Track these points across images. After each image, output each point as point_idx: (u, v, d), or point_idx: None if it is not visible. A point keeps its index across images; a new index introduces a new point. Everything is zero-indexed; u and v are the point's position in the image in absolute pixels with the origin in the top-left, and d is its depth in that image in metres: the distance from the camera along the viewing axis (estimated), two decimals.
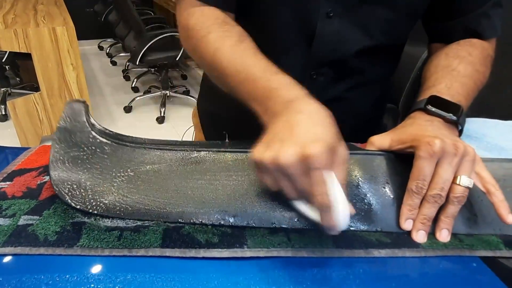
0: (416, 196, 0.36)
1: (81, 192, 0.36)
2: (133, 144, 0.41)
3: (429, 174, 0.36)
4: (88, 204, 0.36)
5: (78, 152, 0.39)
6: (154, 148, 0.40)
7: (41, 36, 1.75)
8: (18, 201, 0.39)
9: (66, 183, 0.37)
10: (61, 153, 0.39)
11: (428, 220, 0.36)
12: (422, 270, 0.34)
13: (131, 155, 0.40)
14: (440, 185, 0.35)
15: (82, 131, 0.40)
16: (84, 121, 0.41)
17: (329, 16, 0.50)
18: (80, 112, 0.41)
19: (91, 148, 0.39)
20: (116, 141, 0.41)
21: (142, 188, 0.37)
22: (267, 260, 0.33)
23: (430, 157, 0.35)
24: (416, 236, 0.36)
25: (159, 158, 0.40)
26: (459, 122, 0.42)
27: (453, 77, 0.47)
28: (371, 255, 0.34)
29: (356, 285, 0.31)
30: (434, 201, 0.35)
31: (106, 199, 0.36)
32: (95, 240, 0.33)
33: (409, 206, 0.36)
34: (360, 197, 0.38)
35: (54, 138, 0.39)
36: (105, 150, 0.39)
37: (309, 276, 0.32)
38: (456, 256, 0.35)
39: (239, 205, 0.37)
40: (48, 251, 0.32)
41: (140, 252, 0.33)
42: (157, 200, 0.37)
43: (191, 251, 0.33)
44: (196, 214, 0.36)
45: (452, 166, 0.35)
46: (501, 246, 0.36)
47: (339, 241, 0.35)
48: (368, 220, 0.37)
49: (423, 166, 0.35)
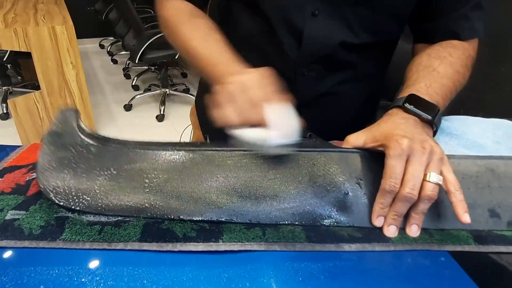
0: (388, 195, 0.37)
1: (65, 190, 0.38)
2: (118, 145, 0.42)
3: (400, 172, 0.37)
4: (71, 201, 0.37)
5: (65, 153, 0.40)
6: (137, 149, 0.42)
7: (41, 35, 1.77)
8: (7, 196, 0.41)
9: (52, 181, 0.38)
10: (49, 154, 0.40)
11: (399, 216, 0.37)
12: (391, 264, 0.35)
13: (115, 155, 0.41)
14: (411, 182, 0.36)
15: (71, 135, 0.42)
16: (74, 127, 0.42)
17: (315, 15, 0.52)
18: (71, 118, 0.43)
19: (78, 149, 0.41)
20: (102, 142, 0.42)
21: (123, 186, 0.39)
22: (241, 254, 0.35)
23: (399, 156, 0.37)
24: (387, 231, 0.37)
25: (141, 157, 0.41)
26: (434, 122, 0.43)
27: (433, 77, 0.48)
28: (342, 249, 0.35)
29: (325, 278, 0.33)
30: (406, 199, 0.36)
31: (88, 196, 0.38)
32: (77, 234, 0.35)
33: (381, 204, 0.38)
34: (334, 193, 0.39)
35: (44, 141, 0.41)
36: (91, 151, 0.41)
37: (281, 269, 0.33)
38: (426, 250, 0.36)
39: (218, 202, 0.38)
40: (32, 244, 0.34)
41: (119, 246, 0.34)
42: (137, 197, 0.38)
43: (168, 245, 0.34)
44: (175, 210, 0.38)
45: (421, 164, 0.36)
46: (470, 241, 0.37)
47: (311, 235, 0.36)
48: (341, 215, 0.38)
49: (394, 165, 0.37)
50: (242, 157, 0.41)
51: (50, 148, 0.41)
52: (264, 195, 0.39)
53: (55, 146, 0.41)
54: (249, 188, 0.39)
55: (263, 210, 0.38)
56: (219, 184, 0.39)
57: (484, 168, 0.42)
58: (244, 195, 0.38)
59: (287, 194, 0.39)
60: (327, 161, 0.41)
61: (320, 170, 0.40)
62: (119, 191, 0.38)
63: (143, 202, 0.38)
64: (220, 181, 0.39)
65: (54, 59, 1.85)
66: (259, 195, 0.38)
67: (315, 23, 0.53)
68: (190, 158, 0.41)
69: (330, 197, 0.39)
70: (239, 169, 0.40)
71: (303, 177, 0.40)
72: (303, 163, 0.41)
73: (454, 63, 0.51)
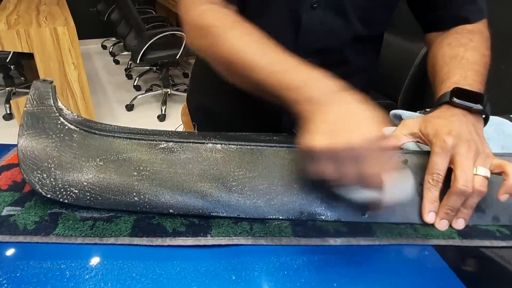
0: (434, 189, 0.39)
1: (51, 181, 0.38)
2: (102, 132, 0.41)
3: (442, 169, 0.38)
4: (58, 194, 0.37)
5: (46, 140, 0.39)
6: (123, 137, 0.41)
7: (43, 36, 1.79)
8: (4, 193, 0.42)
9: (36, 172, 0.38)
10: (29, 140, 0.39)
11: (453, 211, 0.38)
12: (376, 258, 0.36)
13: (100, 144, 0.40)
14: (464, 176, 0.37)
15: (49, 117, 0.40)
16: (51, 105, 0.40)
17: (313, 7, 0.53)
18: (47, 95, 0.40)
19: (59, 135, 0.40)
20: (84, 129, 0.41)
21: (111, 178, 0.39)
22: (229, 248, 0.36)
23: (443, 153, 0.38)
24: (439, 224, 0.39)
25: (128, 147, 0.40)
26: (486, 110, 0.43)
27: (465, 66, 0.49)
28: (327, 243, 0.36)
29: (309, 271, 0.33)
30: (461, 193, 0.37)
31: (76, 188, 0.38)
32: (69, 229, 0.36)
33: (430, 199, 0.39)
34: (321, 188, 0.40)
35: (22, 123, 0.39)
36: (73, 138, 0.40)
37: (267, 263, 0.34)
38: (410, 244, 0.37)
39: (207, 196, 0.39)
40: (26, 239, 0.35)
41: (110, 241, 0.35)
42: (126, 190, 0.38)
43: (158, 239, 0.35)
44: (164, 204, 0.38)
45: (469, 159, 0.38)
46: (454, 235, 0.38)
47: (298, 230, 0.37)
48: (330, 209, 0.39)
49: (437, 162, 0.38)
50: (232, 151, 0.41)
51: (29, 132, 0.39)
52: (253, 190, 0.39)
53: (34, 131, 0.39)
54: (238, 182, 0.40)
55: (252, 205, 0.39)
56: (208, 177, 0.39)
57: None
58: (233, 189, 0.39)
59: (274, 189, 0.40)
60: None
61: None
62: (107, 184, 0.38)
63: (132, 195, 0.38)
64: (209, 174, 0.40)
65: (56, 59, 1.87)
66: (247, 189, 0.39)
67: (313, 15, 0.53)
68: (179, 150, 0.41)
69: (317, 192, 0.40)
70: (229, 163, 0.41)
71: (290, 172, 0.41)
72: (290, 158, 0.41)
73: (478, 47, 0.51)
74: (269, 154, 0.41)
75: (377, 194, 0.36)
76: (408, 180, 0.39)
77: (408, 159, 0.41)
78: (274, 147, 0.42)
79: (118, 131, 0.42)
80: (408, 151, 0.43)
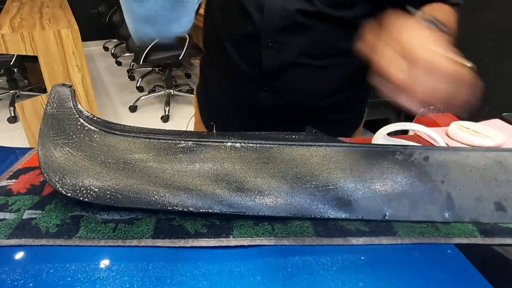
0: None
1: (71, 180, 0.38)
2: (121, 132, 0.41)
3: None
4: (78, 192, 0.37)
5: (66, 140, 0.40)
6: (142, 137, 0.41)
7: (47, 39, 1.79)
8: (23, 197, 0.42)
9: (56, 171, 0.38)
10: (49, 141, 0.39)
11: None
12: (398, 257, 0.36)
13: (120, 144, 0.40)
14: None
15: (69, 118, 0.41)
16: (71, 107, 0.41)
17: None
18: (67, 98, 0.41)
19: (79, 135, 0.40)
20: (104, 129, 0.41)
21: (131, 177, 0.39)
22: (252, 249, 0.36)
23: None
24: None
25: (147, 147, 0.41)
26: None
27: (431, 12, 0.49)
28: (349, 243, 0.36)
29: (333, 271, 0.33)
30: None
31: (96, 186, 0.38)
32: (92, 231, 0.36)
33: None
34: (340, 187, 0.40)
35: (42, 124, 0.40)
36: (93, 138, 0.40)
37: (290, 263, 0.34)
38: (432, 243, 0.37)
39: (227, 195, 0.39)
40: (49, 242, 0.35)
41: (133, 243, 0.35)
42: (146, 188, 0.38)
43: (180, 241, 0.35)
44: (184, 202, 0.38)
45: None
46: (476, 234, 0.38)
47: (319, 230, 0.37)
48: (350, 208, 0.39)
49: None
50: (252, 150, 0.41)
51: (49, 133, 0.40)
52: (273, 189, 0.39)
53: (54, 132, 0.40)
54: (258, 181, 0.39)
55: (272, 204, 0.39)
56: (227, 176, 0.39)
57: (492, 161, 0.42)
58: (253, 188, 0.39)
59: (295, 188, 0.40)
60: (336, 154, 0.41)
61: (325, 165, 0.41)
62: (127, 183, 0.38)
63: (152, 194, 0.38)
64: (228, 172, 0.40)
65: (60, 62, 1.87)
66: (266, 188, 0.39)
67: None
68: (198, 149, 0.41)
69: (337, 191, 0.40)
70: (249, 162, 0.40)
71: (310, 170, 0.41)
72: (309, 158, 0.41)
73: (447, 14, 0.52)
74: (289, 153, 0.41)
75: None
76: None
77: (429, 156, 0.41)
78: (293, 145, 0.42)
79: (137, 131, 0.42)
80: (430, 147, 0.43)
